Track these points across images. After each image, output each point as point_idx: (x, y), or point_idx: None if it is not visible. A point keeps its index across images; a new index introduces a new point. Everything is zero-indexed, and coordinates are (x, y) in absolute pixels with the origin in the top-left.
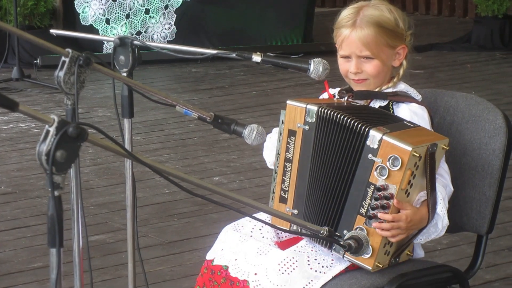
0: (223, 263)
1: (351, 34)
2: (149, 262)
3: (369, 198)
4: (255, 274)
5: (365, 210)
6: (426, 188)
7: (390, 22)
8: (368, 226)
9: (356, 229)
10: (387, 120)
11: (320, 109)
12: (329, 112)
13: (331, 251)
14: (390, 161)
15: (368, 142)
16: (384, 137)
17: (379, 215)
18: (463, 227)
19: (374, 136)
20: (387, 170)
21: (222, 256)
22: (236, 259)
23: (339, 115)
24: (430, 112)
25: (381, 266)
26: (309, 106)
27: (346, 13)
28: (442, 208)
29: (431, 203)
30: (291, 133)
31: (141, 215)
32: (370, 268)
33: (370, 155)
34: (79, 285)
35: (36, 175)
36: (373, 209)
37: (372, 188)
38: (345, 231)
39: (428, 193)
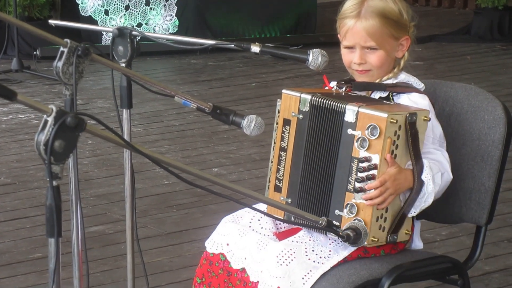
0: (223, 254)
1: (356, 25)
2: (148, 253)
3: (354, 173)
4: (254, 265)
5: (352, 186)
6: (411, 157)
7: (395, 13)
8: (357, 201)
9: (346, 206)
10: (372, 101)
11: (313, 97)
12: (322, 100)
13: (328, 238)
14: (369, 131)
15: (346, 118)
16: (360, 109)
17: (366, 186)
18: (462, 218)
19: (351, 110)
20: (367, 141)
21: (222, 247)
22: (234, 251)
23: (334, 104)
24: (432, 100)
25: (376, 240)
26: (303, 95)
27: (350, 4)
28: (427, 174)
29: (416, 170)
30: (286, 122)
31: (140, 206)
32: (366, 243)
33: (349, 130)
34: (77, 275)
35: (36, 166)
36: (359, 182)
37: (356, 162)
38: (336, 211)
39: (413, 161)
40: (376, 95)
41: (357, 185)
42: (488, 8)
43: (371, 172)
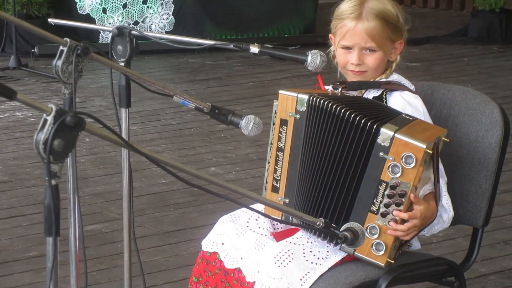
0: (218, 253)
1: (356, 26)
2: (145, 252)
3: (381, 196)
4: (251, 266)
5: (377, 208)
6: (433, 181)
7: (393, 16)
8: (381, 224)
9: (367, 227)
10: (386, 112)
11: (311, 97)
12: (320, 101)
13: (327, 243)
14: (404, 159)
15: (379, 140)
16: (397, 135)
17: (394, 212)
18: (459, 220)
19: (386, 134)
20: (401, 168)
21: (217, 247)
22: (229, 250)
23: (332, 105)
24: (423, 101)
25: (392, 261)
26: (300, 95)
27: (349, 5)
28: (447, 200)
29: (438, 195)
30: (283, 122)
31: (137, 205)
32: (383, 265)
33: (381, 153)
34: (75, 274)
35: (33, 164)
36: (386, 206)
37: (384, 186)
38: None
39: (436, 186)
40: (370, 94)
41: (384, 209)
42: (485, 11)
43: (400, 198)
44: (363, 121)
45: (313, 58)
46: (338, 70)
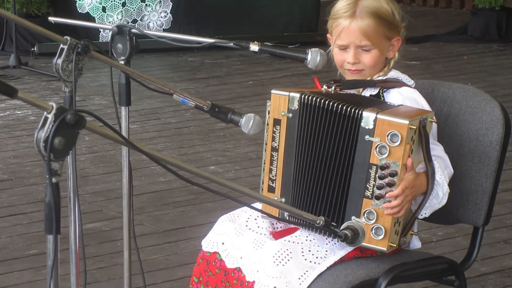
0: (218, 253)
1: (351, 24)
2: (144, 250)
3: (373, 179)
4: (250, 265)
5: (371, 192)
6: (424, 160)
7: (388, 13)
8: (377, 208)
9: (364, 212)
10: (374, 103)
11: (302, 96)
12: (312, 98)
13: (326, 239)
14: (389, 138)
15: (362, 124)
16: (379, 116)
17: (387, 194)
18: (459, 218)
19: (368, 117)
20: (387, 148)
21: (217, 247)
22: (230, 250)
23: (323, 101)
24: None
25: (394, 245)
26: (291, 94)
27: (343, 4)
28: (440, 175)
29: (430, 172)
30: (276, 122)
31: (137, 203)
32: (385, 249)
33: (367, 137)
34: (75, 272)
35: (33, 162)
36: (379, 188)
37: (375, 169)
38: (353, 217)
39: (426, 163)
40: (367, 92)
41: (377, 191)
42: (485, 9)
43: (392, 178)
44: (344, 107)
45: (313, 56)
46: (338, 69)
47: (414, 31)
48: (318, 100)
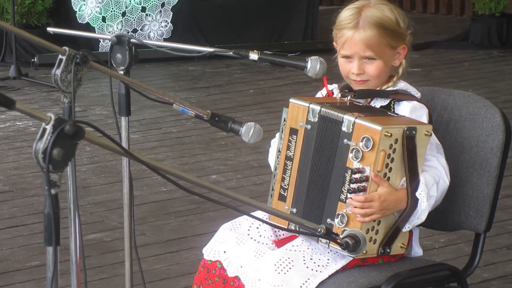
0: (219, 261)
1: (354, 36)
2: (146, 260)
3: (348, 183)
4: (251, 274)
5: (345, 196)
6: (405, 172)
7: (392, 22)
8: (348, 212)
9: (337, 215)
10: (376, 113)
11: (323, 108)
12: (332, 112)
13: (327, 247)
14: (363, 142)
15: (343, 128)
16: (357, 120)
17: (349, 200)
18: (461, 225)
19: (348, 120)
20: (361, 152)
21: (219, 255)
22: (231, 259)
23: (336, 113)
24: (430, 110)
25: (365, 252)
26: (312, 106)
27: (347, 14)
28: (421, 191)
29: (411, 187)
30: (293, 131)
31: (138, 213)
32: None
33: (345, 140)
34: (76, 283)
35: (33, 173)
36: (350, 193)
37: (350, 172)
38: (328, 220)
39: (407, 177)
40: (377, 102)
41: (349, 195)
42: (485, 15)
43: (362, 184)
44: (335, 113)
45: (313, 64)
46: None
47: (414, 38)
48: (338, 114)
